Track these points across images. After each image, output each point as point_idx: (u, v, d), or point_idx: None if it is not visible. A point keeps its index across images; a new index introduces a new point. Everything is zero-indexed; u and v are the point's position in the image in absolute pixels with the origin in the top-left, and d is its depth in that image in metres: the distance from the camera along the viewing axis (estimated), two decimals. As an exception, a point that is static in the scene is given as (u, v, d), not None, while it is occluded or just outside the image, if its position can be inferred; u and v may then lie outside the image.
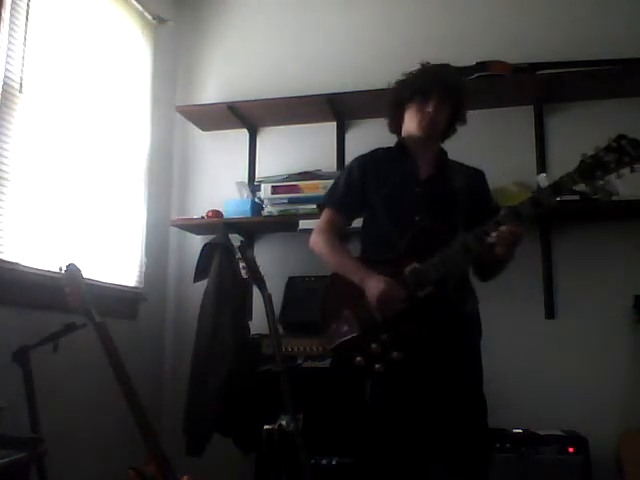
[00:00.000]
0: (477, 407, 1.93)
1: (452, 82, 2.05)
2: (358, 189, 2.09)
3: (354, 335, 1.90)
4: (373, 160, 2.13)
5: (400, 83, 2.07)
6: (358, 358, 1.88)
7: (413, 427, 1.92)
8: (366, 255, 2.06)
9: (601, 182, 1.75)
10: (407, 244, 1.92)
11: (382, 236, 2.02)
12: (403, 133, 2.10)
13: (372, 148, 2.18)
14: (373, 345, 1.86)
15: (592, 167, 1.74)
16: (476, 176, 2.12)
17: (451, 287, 1.87)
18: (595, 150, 1.75)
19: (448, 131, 2.11)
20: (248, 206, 3.04)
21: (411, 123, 2.03)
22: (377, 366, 1.85)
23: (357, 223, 2.17)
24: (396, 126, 2.13)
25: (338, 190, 2.13)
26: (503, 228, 1.79)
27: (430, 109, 1.98)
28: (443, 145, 2.14)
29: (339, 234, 2.12)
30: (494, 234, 1.79)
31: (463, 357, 1.93)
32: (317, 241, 2.09)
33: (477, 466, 1.90)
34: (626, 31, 2.92)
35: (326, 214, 2.13)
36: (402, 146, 2.10)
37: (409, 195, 2.01)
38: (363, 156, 2.16)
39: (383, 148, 2.15)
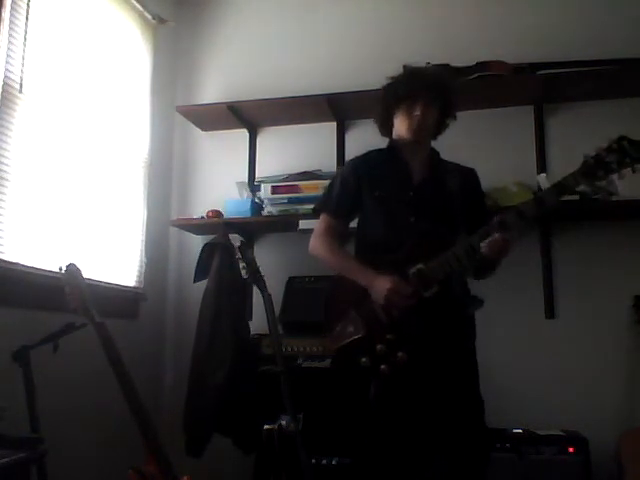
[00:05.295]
0: (475, 407, 1.93)
1: (437, 82, 2.05)
2: (354, 192, 2.10)
3: (359, 336, 1.91)
4: (366, 163, 2.14)
5: (386, 89, 2.08)
6: (364, 359, 1.88)
7: (416, 427, 1.92)
8: (365, 257, 2.05)
9: (603, 182, 1.78)
10: (410, 246, 1.92)
11: (377, 239, 2.03)
12: (394, 136, 2.11)
13: (372, 148, 2.18)
14: (378, 346, 1.87)
15: (594, 167, 1.76)
16: (469, 175, 2.13)
17: (456, 288, 1.87)
18: (597, 150, 1.77)
19: (440, 128, 2.12)
20: (248, 206, 3.04)
21: (401, 127, 2.05)
22: (383, 367, 1.86)
23: (352, 224, 2.17)
24: (387, 130, 2.14)
25: (334, 195, 2.14)
26: (497, 236, 1.80)
27: (418, 112, 1.99)
28: (442, 141, 2.14)
29: (338, 238, 2.12)
30: (489, 239, 1.81)
31: (463, 358, 1.95)
32: (317, 245, 2.10)
33: (475, 465, 1.91)
34: (626, 31, 2.92)
35: (323, 220, 2.14)
36: (393, 148, 2.11)
37: (403, 199, 2.02)
38: (356, 159, 2.18)
39: (375, 150, 2.16)
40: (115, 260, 2.85)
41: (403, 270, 1.88)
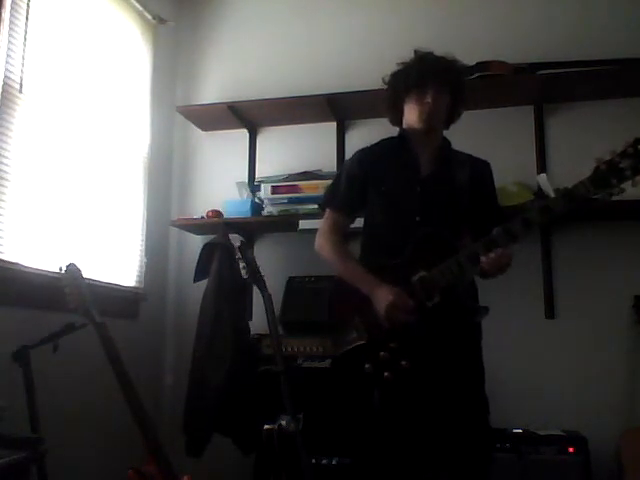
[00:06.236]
0: (479, 407, 1.91)
1: (448, 69, 2.00)
2: (360, 186, 2.06)
3: (362, 342, 1.90)
4: (373, 154, 2.09)
5: (395, 75, 2.04)
6: (367, 365, 1.86)
7: (420, 432, 1.90)
8: (367, 257, 2.04)
9: (616, 189, 1.66)
10: (413, 250, 1.89)
11: (382, 237, 2.01)
12: (404, 125, 2.06)
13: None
14: (382, 353, 1.85)
15: (607, 174, 1.66)
16: (480, 168, 2.07)
17: (462, 295, 1.86)
18: (610, 155, 1.67)
19: (452, 117, 2.07)
20: (248, 206, 3.04)
21: (411, 115, 1.99)
22: (386, 374, 1.84)
23: (358, 222, 2.15)
24: (397, 119, 2.09)
25: (339, 189, 2.10)
26: (499, 251, 1.76)
27: (429, 99, 1.94)
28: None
29: (343, 235, 2.10)
30: (491, 254, 1.76)
31: (468, 362, 1.91)
32: (323, 245, 2.07)
33: (478, 467, 1.89)
34: (626, 31, 2.92)
35: (329, 215, 2.12)
36: (404, 137, 2.05)
37: (409, 194, 1.98)
38: (363, 150, 2.12)
39: (386, 139, 2.11)
40: (115, 260, 2.85)
41: (406, 276, 1.86)
